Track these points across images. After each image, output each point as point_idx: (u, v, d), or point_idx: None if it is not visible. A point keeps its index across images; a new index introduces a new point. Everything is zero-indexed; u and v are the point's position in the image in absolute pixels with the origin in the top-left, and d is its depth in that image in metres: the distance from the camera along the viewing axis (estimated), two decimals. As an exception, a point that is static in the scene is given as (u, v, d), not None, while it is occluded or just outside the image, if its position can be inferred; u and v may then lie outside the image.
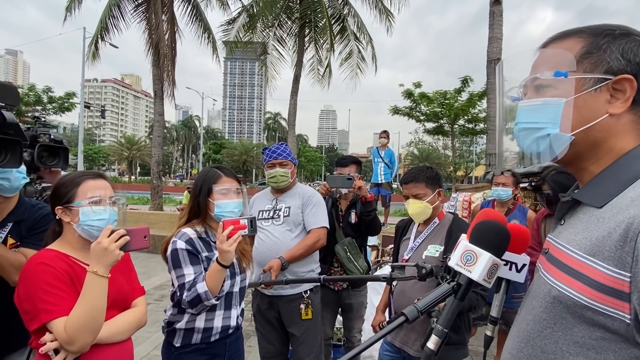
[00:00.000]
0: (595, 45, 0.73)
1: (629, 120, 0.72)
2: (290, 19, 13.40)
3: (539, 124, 0.76)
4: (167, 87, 12.25)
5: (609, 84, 0.71)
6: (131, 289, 1.56)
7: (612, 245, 0.63)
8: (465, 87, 19.95)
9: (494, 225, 0.89)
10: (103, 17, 12.14)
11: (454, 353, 1.94)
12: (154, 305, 5.05)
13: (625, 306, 0.61)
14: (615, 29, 0.73)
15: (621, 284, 0.61)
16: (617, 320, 0.62)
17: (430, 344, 0.83)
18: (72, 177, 1.46)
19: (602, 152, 0.74)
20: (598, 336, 0.65)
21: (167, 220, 9.88)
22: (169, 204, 16.09)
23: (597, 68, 0.72)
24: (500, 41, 7.93)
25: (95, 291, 1.26)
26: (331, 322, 2.98)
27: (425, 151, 42.61)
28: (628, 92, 0.70)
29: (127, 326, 1.46)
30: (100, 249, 1.26)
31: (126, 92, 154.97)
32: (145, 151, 50.86)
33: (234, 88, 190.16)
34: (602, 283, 0.63)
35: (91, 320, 1.24)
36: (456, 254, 0.87)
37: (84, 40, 17.57)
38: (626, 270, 0.61)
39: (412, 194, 2.06)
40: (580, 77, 0.73)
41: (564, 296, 0.70)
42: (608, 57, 0.71)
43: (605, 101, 0.72)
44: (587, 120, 0.72)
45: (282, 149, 2.52)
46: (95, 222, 1.39)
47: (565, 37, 0.77)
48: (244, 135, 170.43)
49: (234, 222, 1.62)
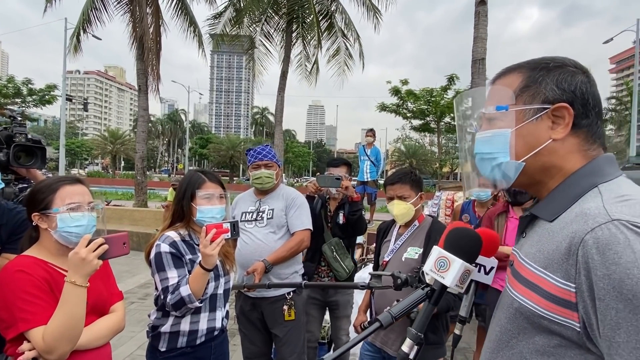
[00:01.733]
0: (532, 79, 0.80)
1: (574, 143, 0.78)
2: (278, 14, 13.28)
3: (492, 154, 0.83)
4: (151, 82, 12.04)
5: (548, 112, 0.77)
6: (109, 294, 1.56)
7: (560, 258, 0.68)
8: (451, 85, 20.18)
9: (467, 233, 0.93)
10: (85, 8, 11.82)
11: (432, 353, 2.00)
12: (138, 304, 5.01)
13: (574, 315, 0.65)
14: (549, 62, 0.80)
15: (569, 295, 0.66)
16: (569, 328, 0.67)
17: (405, 347, 0.87)
18: (49, 182, 1.43)
19: (553, 173, 0.79)
20: (556, 344, 0.70)
21: (151, 217, 9.78)
22: (153, 199, 15.88)
23: (535, 99, 0.79)
24: (485, 41, 8.03)
25: (73, 300, 1.25)
26: (319, 320, 3.04)
27: (411, 148, 42.97)
28: (567, 118, 0.76)
29: (106, 332, 1.46)
30: (78, 259, 1.25)
31: (110, 85, 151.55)
32: (129, 145, 49.98)
33: (220, 82, 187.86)
34: (553, 294, 0.68)
35: (70, 329, 1.24)
36: (430, 260, 0.91)
37: (65, 32, 17.09)
38: (571, 281, 0.65)
39: (398, 195, 2.10)
40: (519, 108, 0.80)
41: (523, 308, 0.74)
42: (544, 88, 0.78)
43: (547, 128, 0.78)
44: (533, 146, 0.78)
45: (267, 150, 2.52)
46: (73, 229, 1.37)
47: (508, 73, 0.84)
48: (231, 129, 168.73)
49: (216, 226, 1.64)
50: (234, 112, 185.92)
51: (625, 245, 0.59)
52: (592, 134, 0.78)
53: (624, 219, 0.62)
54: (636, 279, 0.57)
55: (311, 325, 3.01)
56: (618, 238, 0.60)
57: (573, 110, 0.76)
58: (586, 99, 0.77)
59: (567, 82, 0.77)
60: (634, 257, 0.58)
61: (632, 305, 0.57)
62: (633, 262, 0.58)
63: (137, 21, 11.51)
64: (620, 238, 0.60)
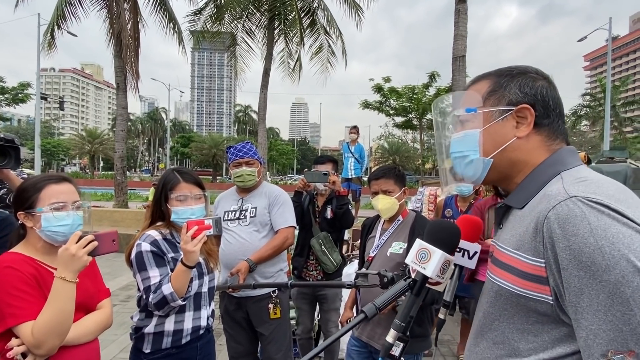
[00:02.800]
0: (498, 84, 0.88)
1: (537, 140, 0.85)
2: (259, 11, 13.15)
3: (464, 152, 0.91)
4: (130, 79, 11.79)
5: (512, 113, 0.85)
6: (97, 291, 1.56)
7: (529, 238, 0.74)
8: (432, 82, 20.44)
9: (446, 224, 0.96)
10: (59, 4, 11.45)
11: (417, 345, 2.03)
12: (120, 307, 4.91)
13: (546, 289, 0.71)
14: (513, 70, 0.89)
15: (539, 270, 0.71)
16: (543, 303, 0.72)
17: (389, 337, 0.89)
18: (35, 181, 1.43)
19: (520, 167, 0.86)
20: (533, 320, 0.75)
21: (132, 218, 9.59)
22: (134, 200, 15.57)
23: (500, 102, 0.87)
24: (465, 39, 8.16)
25: (63, 296, 1.26)
26: (310, 314, 3.09)
27: (395, 145, 43.32)
28: (529, 118, 0.84)
29: (94, 327, 1.47)
30: (68, 255, 1.26)
31: (87, 83, 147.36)
32: (108, 145, 48.72)
33: (202, 79, 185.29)
34: (526, 272, 0.74)
35: (59, 324, 1.26)
36: (412, 252, 0.94)
37: (38, 28, 16.50)
38: (540, 257, 0.71)
39: (382, 189, 2.13)
40: (487, 110, 0.88)
41: (502, 290, 0.80)
42: (508, 92, 0.86)
43: (512, 127, 0.86)
44: (500, 144, 0.86)
45: (247, 148, 2.50)
46: (57, 228, 1.38)
47: (478, 81, 0.93)
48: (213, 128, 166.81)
49: (198, 223, 1.61)
50: (216, 110, 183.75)
51: (581, 218, 0.65)
52: (553, 132, 0.85)
53: (579, 195, 0.68)
54: (592, 247, 0.63)
55: (303, 318, 3.06)
56: (575, 212, 0.67)
57: (535, 111, 0.84)
58: (547, 102, 0.85)
59: (529, 87, 0.85)
60: (589, 228, 0.64)
61: (591, 272, 0.63)
62: (589, 232, 0.64)
63: (115, 17, 11.23)
64: (577, 212, 0.66)
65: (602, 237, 0.63)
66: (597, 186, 0.70)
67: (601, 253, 0.62)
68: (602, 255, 0.62)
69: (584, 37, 19.95)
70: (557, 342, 0.72)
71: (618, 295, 0.61)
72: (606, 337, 0.62)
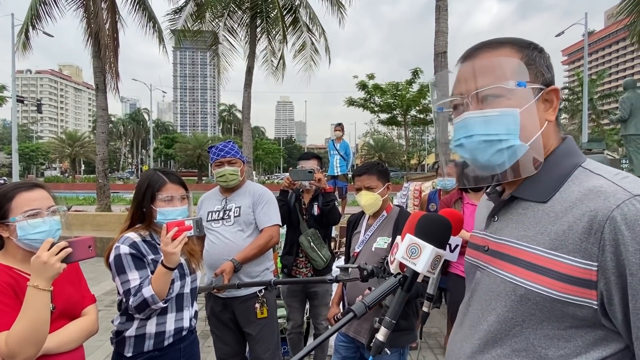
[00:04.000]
0: (530, 57, 0.76)
1: (554, 125, 0.79)
2: (241, 9, 13.02)
3: (499, 136, 0.73)
4: (110, 80, 11.49)
5: (543, 93, 0.76)
6: (81, 297, 1.54)
7: (577, 238, 0.66)
8: (415, 78, 20.64)
9: (437, 218, 0.91)
10: (33, 3, 11.08)
11: (403, 338, 2.05)
12: (105, 312, 4.81)
13: (592, 293, 0.65)
14: (534, 44, 0.77)
15: (589, 274, 0.65)
16: (585, 307, 0.66)
17: (380, 335, 0.86)
18: (5, 191, 1.40)
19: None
20: (567, 325, 0.69)
21: (115, 222, 9.39)
22: (117, 203, 15.28)
23: (537, 79, 0.75)
24: (446, 35, 8.25)
25: (36, 304, 1.23)
26: (300, 310, 3.09)
27: (380, 141, 43.64)
28: (554, 101, 0.76)
29: (78, 335, 1.45)
30: (39, 263, 1.23)
31: (65, 85, 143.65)
32: (89, 147, 47.70)
33: (184, 79, 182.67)
34: (570, 275, 0.66)
35: (33, 333, 1.22)
36: (402, 247, 0.89)
37: (12, 28, 16.00)
38: (593, 260, 0.65)
39: (365, 186, 2.14)
40: (533, 87, 0.74)
41: (531, 293, 0.71)
42: (541, 69, 0.76)
43: (543, 110, 0.76)
44: (537, 128, 0.74)
45: (229, 147, 2.47)
46: (35, 236, 1.35)
47: (496, 46, 0.77)
48: (197, 128, 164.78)
49: (178, 224, 1.59)
50: (199, 110, 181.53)
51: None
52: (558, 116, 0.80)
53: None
54: None
55: (294, 315, 3.07)
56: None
57: None
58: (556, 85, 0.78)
59: (551, 67, 0.77)
60: None
61: None
62: None
63: (92, 17, 10.94)
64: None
65: None
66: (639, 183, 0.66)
67: None
68: None
69: (561, 32, 20.40)
70: (592, 346, 0.67)
71: None
72: None
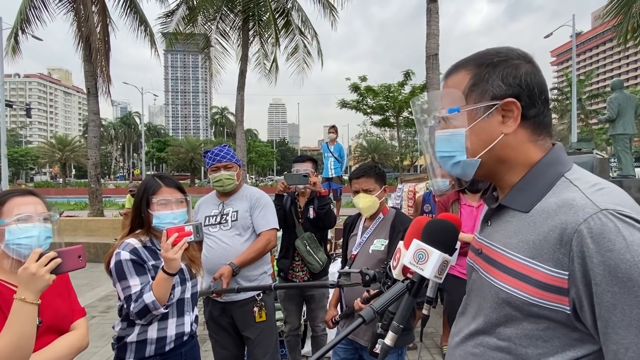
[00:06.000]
0: (479, 77, 0.82)
1: (525, 135, 0.81)
2: (233, 12, 13.01)
3: (450, 153, 0.86)
4: (101, 84, 11.41)
5: (497, 108, 0.80)
6: (70, 311, 1.49)
7: (550, 248, 0.72)
8: (407, 80, 20.77)
9: (444, 224, 0.92)
10: (22, 7, 10.98)
11: (401, 339, 2.04)
12: (100, 318, 4.77)
13: (565, 300, 0.70)
14: (494, 57, 0.82)
15: (561, 282, 0.70)
16: (559, 312, 0.71)
17: (388, 340, 0.87)
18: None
19: (510, 164, 0.83)
20: (544, 327, 0.74)
21: (109, 227, 9.32)
22: (110, 207, 15.14)
23: (483, 97, 0.81)
24: (437, 37, 8.33)
25: (22, 318, 1.17)
26: (297, 313, 3.10)
27: (373, 143, 43.77)
28: (515, 112, 0.80)
29: (66, 351, 1.39)
30: (28, 275, 1.17)
31: (55, 89, 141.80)
32: (80, 152, 47.07)
33: (176, 82, 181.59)
34: (545, 282, 0.72)
35: (17, 349, 1.16)
36: (409, 252, 0.91)
37: (0, 33, 15.81)
38: (564, 269, 0.70)
39: (363, 188, 2.15)
40: (470, 109, 0.82)
41: (512, 297, 0.77)
42: (490, 86, 0.81)
43: (498, 123, 0.81)
44: (487, 143, 0.82)
45: (225, 151, 2.47)
46: (23, 241, 1.31)
47: (457, 70, 0.87)
48: (189, 131, 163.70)
49: (178, 229, 1.60)
50: (192, 113, 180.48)
51: (616, 233, 0.65)
52: (539, 124, 0.81)
53: (610, 208, 0.67)
54: (629, 263, 0.63)
55: (291, 318, 3.07)
56: (609, 227, 0.65)
57: (521, 101, 0.79)
58: (532, 89, 0.80)
59: (512, 76, 0.80)
60: (625, 244, 0.64)
61: (627, 287, 0.63)
62: (625, 248, 0.63)
63: (82, 20, 10.86)
64: (611, 227, 0.65)
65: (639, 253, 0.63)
66: (617, 196, 0.70)
67: (638, 269, 0.62)
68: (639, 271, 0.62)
69: (550, 33, 20.71)
70: (568, 346, 0.72)
71: None
72: (638, 350, 0.62)
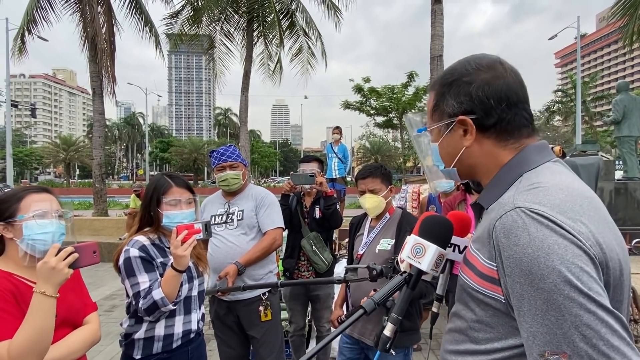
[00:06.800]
0: (439, 96, 0.91)
1: (490, 142, 0.86)
2: (237, 13, 13.06)
3: (436, 162, 0.99)
4: (106, 84, 11.49)
5: (455, 124, 0.88)
6: (82, 305, 1.52)
7: (485, 241, 0.78)
8: (411, 81, 20.75)
9: (439, 220, 0.99)
10: (29, 8, 11.08)
11: (407, 338, 2.07)
12: (105, 317, 4.79)
13: (498, 289, 0.76)
14: (449, 76, 0.89)
15: (493, 272, 0.76)
16: (497, 301, 0.77)
17: (387, 331, 0.91)
18: (14, 192, 1.41)
19: (483, 170, 0.89)
20: (490, 314, 0.79)
21: (113, 226, 9.36)
22: (114, 207, 15.19)
23: (442, 116, 0.90)
24: (442, 38, 8.34)
25: (42, 312, 1.21)
26: (302, 313, 3.10)
27: (376, 144, 43.74)
28: (469, 127, 0.86)
29: (80, 345, 1.43)
30: (47, 269, 1.21)
31: (59, 89, 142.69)
32: (84, 152, 47.34)
33: (180, 83, 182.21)
34: (483, 272, 0.78)
35: (37, 343, 1.20)
36: (407, 247, 0.96)
37: (7, 33, 15.95)
38: (493, 260, 0.75)
39: (369, 189, 2.15)
40: (433, 127, 0.94)
41: (465, 284, 0.85)
42: (446, 105, 0.89)
43: (460, 137, 0.88)
44: (454, 155, 0.91)
45: (230, 151, 2.48)
46: (40, 236, 1.34)
47: (430, 90, 0.97)
48: (193, 132, 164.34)
49: (187, 227, 1.62)
50: (195, 113, 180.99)
51: (522, 229, 0.70)
52: (504, 130, 0.84)
53: (523, 206, 0.72)
54: (530, 257, 0.67)
55: (296, 318, 3.07)
56: (517, 223, 0.71)
57: (476, 114, 0.84)
58: (486, 101, 0.83)
59: (463, 94, 0.85)
60: (529, 239, 0.68)
61: (529, 279, 0.68)
62: (528, 243, 0.68)
63: (88, 21, 10.93)
64: (519, 223, 0.70)
65: (539, 248, 0.67)
66: (545, 194, 0.73)
67: (537, 263, 0.66)
68: (538, 265, 0.66)
69: (554, 35, 20.62)
70: (510, 334, 0.76)
71: (552, 302, 0.65)
72: (543, 339, 0.67)
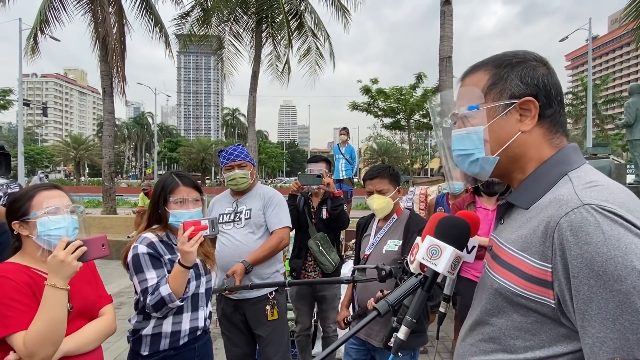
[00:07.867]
0: (498, 76, 0.85)
1: (540, 134, 0.84)
2: (247, 14, 13.13)
3: (468, 150, 0.89)
4: (117, 84, 11.62)
5: (515, 106, 0.83)
6: (98, 297, 1.57)
7: (537, 241, 0.73)
8: (419, 83, 20.68)
9: (457, 221, 0.95)
10: (42, 8, 11.25)
11: (414, 340, 2.06)
12: (112, 314, 4.84)
13: (549, 293, 0.71)
14: (512, 58, 0.85)
15: (545, 274, 0.72)
16: (545, 305, 0.73)
17: (401, 334, 0.90)
18: (26, 190, 1.45)
19: (524, 162, 0.85)
20: (532, 320, 0.75)
21: (122, 224, 9.44)
22: (122, 206, 15.34)
23: (502, 96, 0.84)
24: (451, 40, 8.28)
25: (54, 304, 1.25)
26: (308, 313, 3.10)
27: (383, 145, 43.64)
28: (533, 110, 0.82)
29: (96, 335, 1.47)
30: (56, 262, 1.25)
31: (70, 88, 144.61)
32: (94, 151, 47.95)
33: (188, 83, 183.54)
34: (531, 274, 0.74)
35: (50, 333, 1.24)
36: (422, 248, 0.93)
37: (20, 33, 16.18)
38: (548, 262, 0.71)
39: (377, 189, 2.14)
40: (489, 106, 0.85)
41: (502, 288, 0.80)
42: (509, 84, 0.83)
43: (516, 121, 0.83)
44: (505, 140, 0.84)
45: (239, 150, 2.49)
46: (54, 232, 1.38)
47: (475, 71, 0.90)
48: (201, 132, 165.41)
49: (194, 223, 1.63)
50: (203, 113, 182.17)
51: (595, 227, 0.65)
52: (555, 123, 0.84)
53: (593, 203, 0.68)
54: (605, 256, 0.63)
55: (302, 318, 3.07)
56: (589, 220, 0.66)
57: (538, 101, 0.81)
58: (549, 90, 0.82)
59: (530, 77, 0.82)
60: (603, 237, 0.64)
61: (602, 281, 0.63)
62: (602, 241, 0.64)
63: (100, 22, 11.07)
64: (591, 220, 0.66)
65: (616, 247, 0.63)
66: (609, 193, 0.70)
67: (614, 263, 0.62)
68: (615, 265, 0.62)
69: (565, 37, 20.39)
70: (555, 341, 0.73)
71: (628, 305, 0.61)
72: (613, 345, 0.62)
